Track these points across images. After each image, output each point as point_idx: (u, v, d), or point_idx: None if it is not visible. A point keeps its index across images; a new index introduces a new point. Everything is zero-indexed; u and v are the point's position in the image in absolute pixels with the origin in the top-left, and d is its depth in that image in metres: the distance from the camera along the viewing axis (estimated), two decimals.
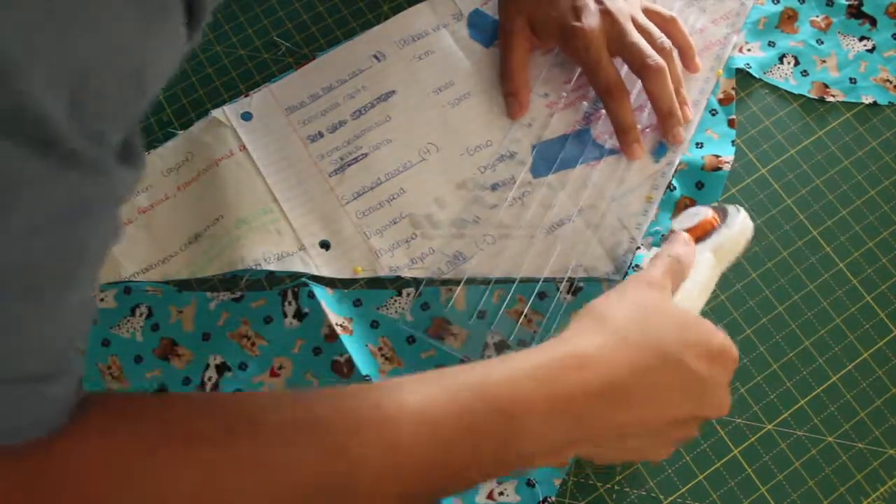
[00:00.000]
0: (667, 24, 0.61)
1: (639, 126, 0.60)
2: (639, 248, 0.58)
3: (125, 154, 0.31)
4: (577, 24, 0.58)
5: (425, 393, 0.39)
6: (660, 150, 0.60)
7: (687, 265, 0.48)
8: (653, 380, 0.42)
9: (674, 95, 0.59)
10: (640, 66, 0.58)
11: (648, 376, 0.42)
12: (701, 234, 0.50)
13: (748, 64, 0.64)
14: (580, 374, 0.41)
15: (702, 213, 0.51)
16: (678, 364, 0.43)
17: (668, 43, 0.60)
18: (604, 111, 0.60)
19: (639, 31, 0.59)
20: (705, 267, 0.49)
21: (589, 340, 0.43)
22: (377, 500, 0.38)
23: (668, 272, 0.47)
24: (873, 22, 0.65)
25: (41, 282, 0.29)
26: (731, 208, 0.52)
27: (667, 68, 0.58)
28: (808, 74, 0.63)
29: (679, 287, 0.48)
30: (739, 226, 0.50)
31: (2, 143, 0.25)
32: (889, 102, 0.63)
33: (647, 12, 0.61)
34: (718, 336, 0.45)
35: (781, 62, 0.64)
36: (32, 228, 0.28)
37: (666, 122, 0.59)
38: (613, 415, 0.42)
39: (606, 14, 0.58)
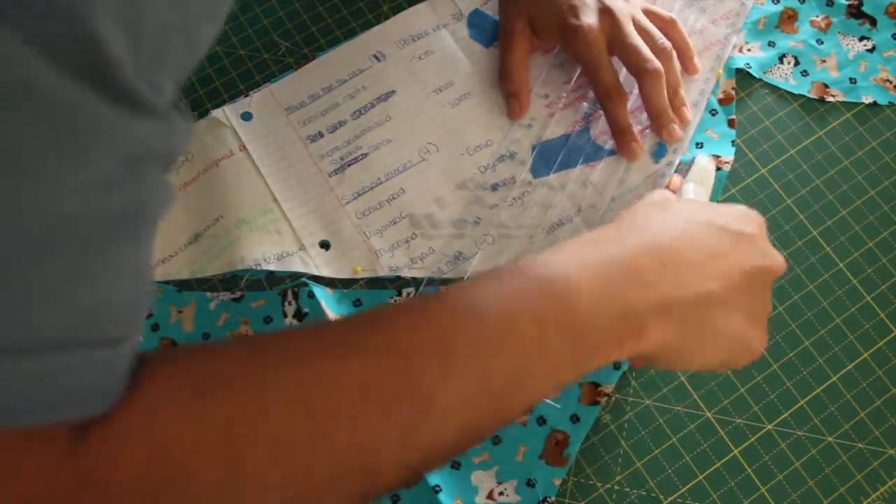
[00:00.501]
0: (666, 26, 0.61)
1: (638, 126, 0.60)
2: None
3: (175, 107, 0.30)
4: (577, 22, 0.58)
5: (470, 291, 0.39)
6: (659, 151, 0.60)
7: (670, 196, 0.51)
8: (693, 237, 0.42)
9: (667, 99, 0.59)
10: (638, 69, 0.58)
11: (687, 234, 0.42)
12: (673, 191, 0.56)
13: (748, 64, 0.64)
14: (620, 242, 0.41)
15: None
16: (711, 224, 0.43)
17: (667, 44, 0.60)
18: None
19: (638, 32, 0.59)
20: (690, 192, 0.54)
21: (614, 228, 0.44)
22: (446, 403, 0.36)
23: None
24: (873, 22, 0.65)
25: (114, 236, 0.29)
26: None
27: (663, 72, 0.58)
28: (808, 74, 0.63)
29: None
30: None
31: (80, 88, 0.24)
32: (889, 102, 0.63)
33: (647, 13, 0.61)
34: (733, 206, 0.46)
35: (781, 62, 0.64)
36: (104, 179, 0.27)
37: (658, 121, 0.59)
38: (670, 272, 0.41)
39: (606, 12, 0.58)
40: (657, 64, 0.58)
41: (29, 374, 0.28)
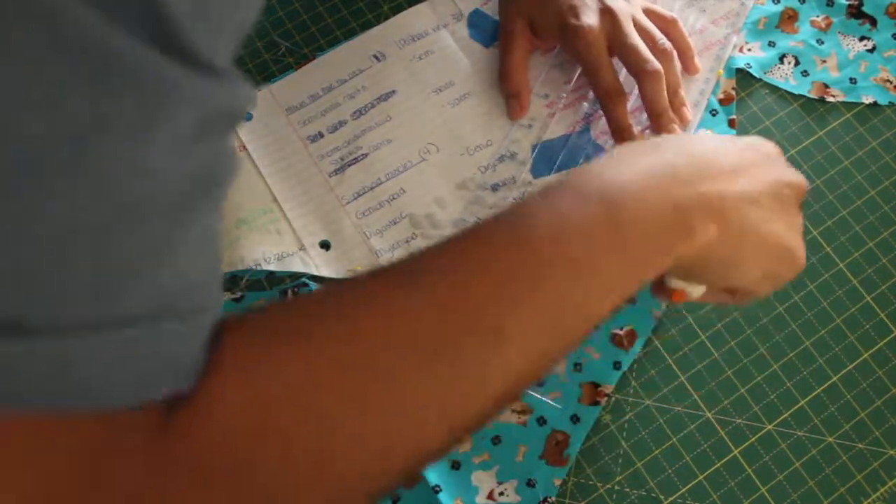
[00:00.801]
0: (667, 26, 0.61)
1: (638, 127, 0.60)
2: None
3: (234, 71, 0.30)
4: (577, 22, 0.58)
5: (517, 216, 0.38)
6: None
7: None
8: (721, 149, 0.42)
9: (667, 100, 0.59)
10: (638, 70, 0.58)
11: (715, 147, 0.42)
12: None
13: (748, 64, 0.64)
14: (653, 151, 0.40)
15: None
16: (735, 142, 0.43)
17: (668, 45, 0.60)
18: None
19: (639, 32, 0.59)
20: None
21: (639, 144, 0.42)
22: (513, 338, 0.34)
23: None
24: (873, 22, 0.65)
25: (194, 200, 0.28)
26: None
27: (663, 73, 0.58)
28: (808, 74, 0.63)
29: None
30: None
31: (144, 46, 0.24)
32: (889, 102, 0.63)
33: (648, 13, 0.61)
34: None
35: (782, 62, 0.64)
36: (181, 141, 0.26)
37: (658, 121, 0.59)
38: (709, 174, 0.40)
39: (606, 12, 0.58)
40: (657, 65, 0.58)
41: (116, 349, 0.27)
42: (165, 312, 0.28)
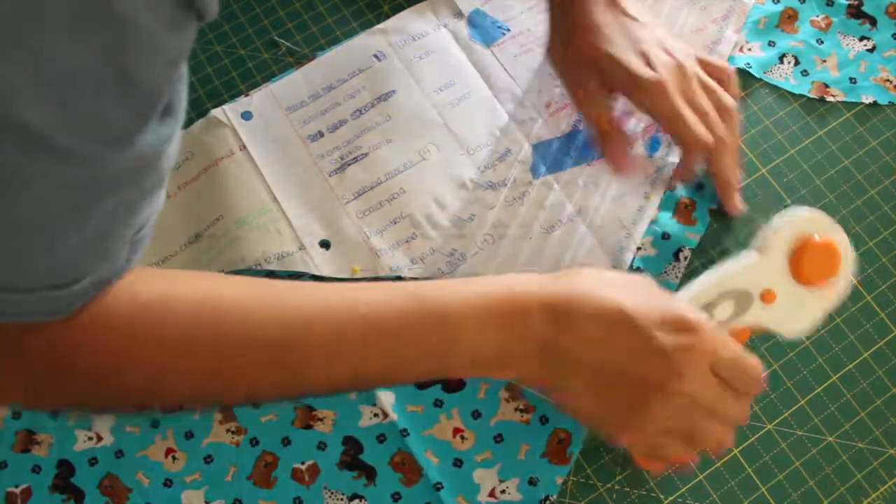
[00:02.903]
0: (721, 76, 0.57)
1: (636, 129, 0.60)
2: (639, 248, 0.58)
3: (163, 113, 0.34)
4: (652, 76, 0.53)
5: (374, 296, 0.44)
6: (653, 146, 0.61)
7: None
8: (597, 312, 0.44)
9: (738, 170, 0.57)
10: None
11: (609, 308, 0.44)
12: None
13: (748, 64, 0.64)
14: (539, 286, 0.45)
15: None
16: (625, 315, 0.44)
17: (730, 101, 0.56)
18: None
19: (702, 89, 0.56)
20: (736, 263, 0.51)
21: (550, 276, 0.46)
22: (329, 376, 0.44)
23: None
24: (873, 22, 0.65)
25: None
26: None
27: (732, 143, 0.56)
28: (808, 74, 0.64)
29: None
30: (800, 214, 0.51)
31: None
32: (889, 102, 0.63)
33: (701, 62, 0.57)
34: (678, 306, 0.45)
35: (782, 62, 0.64)
36: (42, 208, 0.32)
37: (728, 194, 0.57)
38: (557, 336, 0.44)
39: (678, 68, 0.54)
40: (724, 132, 0.55)
41: None
42: (31, 286, 0.35)
